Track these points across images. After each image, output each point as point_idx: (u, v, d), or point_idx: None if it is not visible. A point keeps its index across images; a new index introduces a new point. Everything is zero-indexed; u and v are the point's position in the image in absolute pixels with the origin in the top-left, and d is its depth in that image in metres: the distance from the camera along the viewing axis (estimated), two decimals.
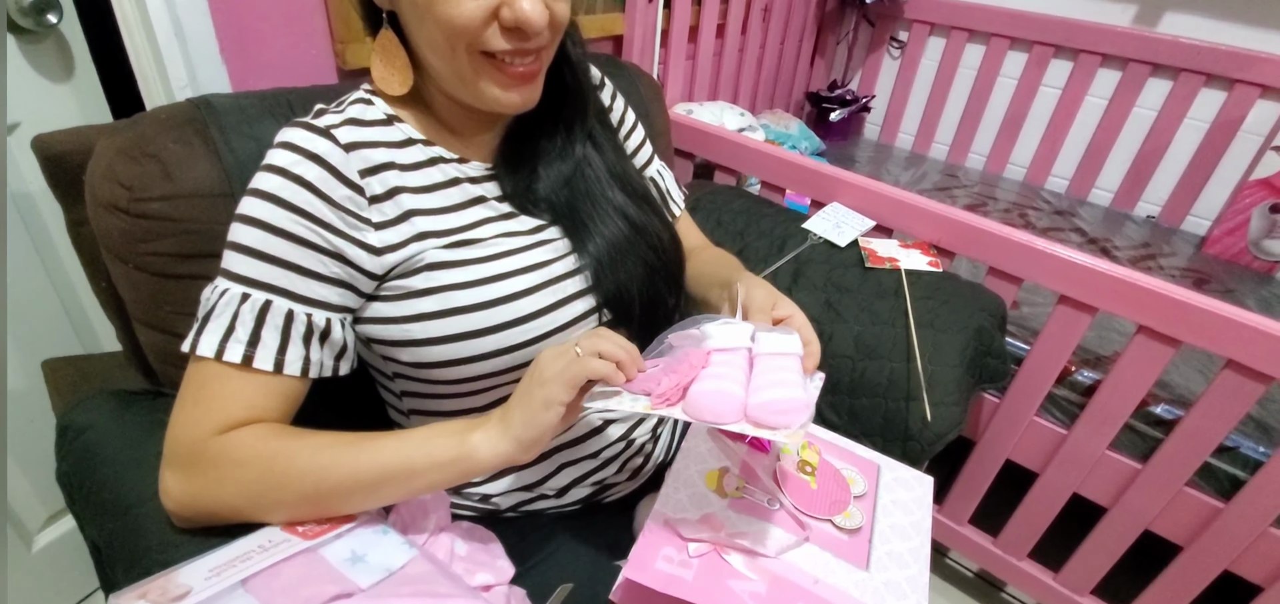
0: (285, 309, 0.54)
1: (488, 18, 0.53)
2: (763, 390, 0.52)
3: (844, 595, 0.55)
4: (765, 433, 0.50)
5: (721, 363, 0.55)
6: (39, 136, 0.68)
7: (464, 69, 0.56)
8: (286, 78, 0.93)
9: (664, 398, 0.52)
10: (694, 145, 1.39)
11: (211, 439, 0.52)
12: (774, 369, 0.55)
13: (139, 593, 0.43)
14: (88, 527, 0.61)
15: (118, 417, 0.67)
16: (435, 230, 0.60)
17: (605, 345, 0.53)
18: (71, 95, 0.91)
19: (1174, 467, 1.01)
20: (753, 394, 0.52)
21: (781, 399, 0.51)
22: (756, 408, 0.51)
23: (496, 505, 0.69)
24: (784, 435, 0.50)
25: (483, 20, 0.53)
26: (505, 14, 0.53)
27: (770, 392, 0.52)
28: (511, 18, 0.53)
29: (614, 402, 0.53)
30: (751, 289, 0.65)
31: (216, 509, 0.53)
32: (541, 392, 0.51)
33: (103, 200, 0.64)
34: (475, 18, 0.53)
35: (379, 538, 0.53)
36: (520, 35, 0.54)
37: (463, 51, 0.55)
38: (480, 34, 0.54)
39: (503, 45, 0.55)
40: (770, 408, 0.50)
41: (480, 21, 0.53)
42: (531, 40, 0.55)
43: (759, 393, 0.52)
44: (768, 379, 0.53)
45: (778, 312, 0.63)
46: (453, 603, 0.47)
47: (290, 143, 0.55)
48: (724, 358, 0.55)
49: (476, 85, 0.57)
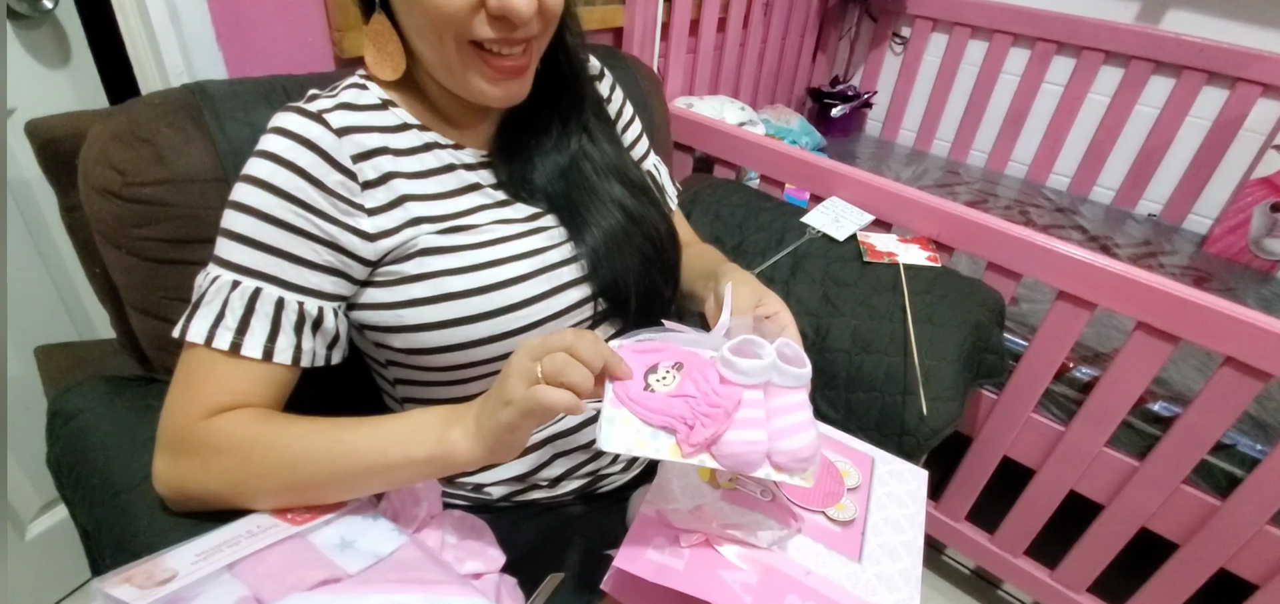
0: (276, 297, 0.54)
1: (475, 6, 0.53)
2: (785, 436, 0.51)
3: (836, 587, 0.55)
4: (786, 478, 0.50)
5: (751, 404, 0.51)
6: (32, 121, 0.67)
7: (451, 58, 0.56)
8: (283, 65, 0.93)
9: (697, 447, 0.49)
10: (694, 139, 1.38)
11: (196, 424, 0.52)
12: (791, 407, 0.52)
13: (124, 577, 0.42)
14: (78, 511, 0.61)
15: (109, 402, 0.67)
16: (429, 216, 0.59)
17: (583, 349, 0.47)
18: (67, 81, 0.91)
19: (1171, 464, 1.00)
20: (775, 439, 0.51)
21: (803, 447, 0.50)
22: (781, 455, 0.50)
23: (489, 495, 0.69)
24: (800, 479, 0.51)
25: (469, 8, 0.52)
26: (492, 2, 0.52)
27: (792, 439, 0.50)
28: (498, 5, 0.52)
29: (630, 438, 0.48)
30: (737, 286, 0.64)
31: (202, 494, 0.53)
32: (505, 413, 0.48)
33: (96, 185, 0.63)
34: (462, 5, 0.52)
35: (369, 524, 0.53)
36: (507, 24, 0.54)
37: (450, 40, 0.54)
38: (467, 22, 0.53)
39: (490, 34, 0.54)
40: (793, 456, 0.50)
41: (467, 9, 0.52)
42: (519, 30, 0.54)
43: (782, 438, 0.50)
44: (787, 422, 0.51)
45: (762, 308, 0.62)
46: (442, 590, 0.47)
47: (282, 127, 0.54)
48: (753, 397, 0.52)
49: (464, 76, 0.57)
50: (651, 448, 0.48)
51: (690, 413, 0.49)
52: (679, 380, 0.51)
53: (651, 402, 0.49)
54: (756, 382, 0.52)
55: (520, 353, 0.49)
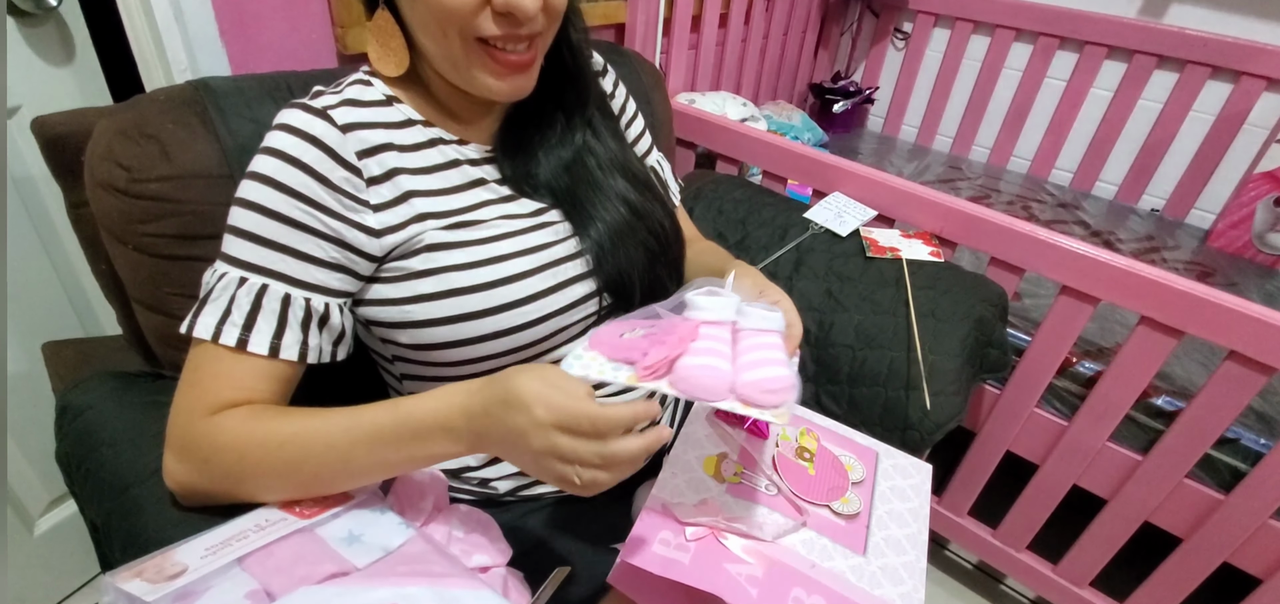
0: (282, 293, 0.54)
1: (480, 2, 0.53)
2: (750, 369, 0.50)
3: (841, 580, 0.55)
4: (753, 411, 0.49)
5: (709, 336, 0.52)
6: (38, 118, 0.68)
7: (456, 54, 0.56)
8: (287, 62, 0.93)
9: (651, 371, 0.50)
10: (696, 134, 1.38)
11: (201, 421, 0.53)
12: (759, 346, 0.53)
13: (135, 571, 0.43)
14: (87, 506, 0.62)
15: (117, 397, 0.67)
16: (435, 211, 0.59)
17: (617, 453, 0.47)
18: (72, 78, 0.91)
19: (1175, 458, 1.00)
20: (740, 371, 0.50)
21: (769, 377, 0.49)
22: (745, 386, 0.49)
23: (495, 490, 0.69)
24: (771, 414, 0.49)
25: (475, 5, 0.53)
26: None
27: (758, 371, 0.50)
28: (504, 3, 0.52)
29: (593, 369, 0.50)
30: (740, 277, 0.65)
31: (209, 491, 0.53)
32: (527, 468, 0.49)
33: (102, 181, 0.63)
34: (468, 2, 0.52)
35: (377, 517, 0.53)
36: (512, 21, 0.54)
37: (455, 36, 0.54)
38: (473, 18, 0.53)
39: (495, 30, 0.54)
40: (759, 387, 0.49)
41: (473, 6, 0.52)
42: (524, 26, 0.55)
43: (747, 371, 0.50)
44: (754, 357, 0.52)
45: (763, 299, 0.63)
46: (449, 582, 0.47)
47: (287, 124, 0.54)
48: (712, 330, 0.53)
49: (469, 71, 0.57)
50: (611, 376, 0.50)
51: (648, 345, 0.51)
52: (650, 330, 0.53)
53: (619, 343, 0.52)
54: (716, 318, 0.54)
55: (551, 458, 0.47)
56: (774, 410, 0.49)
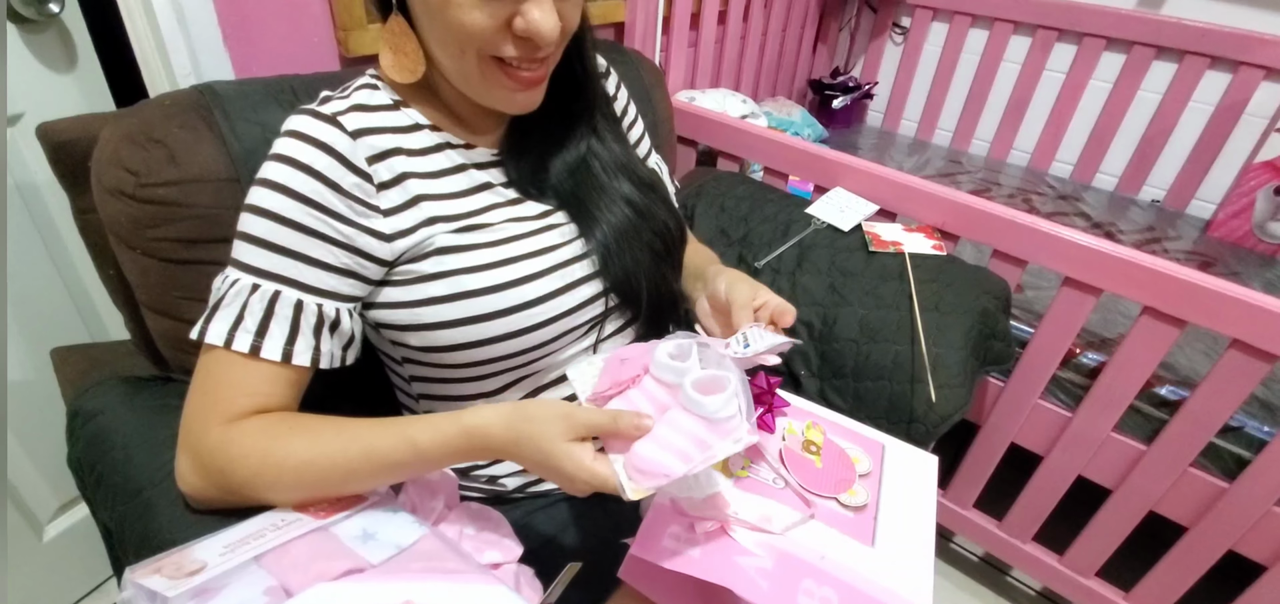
0: (295, 300, 0.54)
1: (500, 27, 0.53)
2: (648, 441, 0.50)
3: (850, 570, 0.55)
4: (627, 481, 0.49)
5: (649, 391, 0.55)
6: (44, 125, 0.68)
7: (471, 71, 0.56)
8: (289, 65, 0.93)
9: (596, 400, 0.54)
10: (697, 132, 1.39)
11: (217, 428, 0.53)
12: (678, 426, 0.51)
13: (154, 567, 0.43)
14: (99, 510, 0.62)
15: (128, 401, 0.67)
16: (444, 215, 0.60)
17: None
18: (74, 85, 0.91)
19: (1179, 447, 1.01)
20: (648, 434, 0.50)
21: (641, 457, 0.49)
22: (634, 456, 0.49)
23: (503, 487, 0.69)
24: (631, 492, 0.48)
25: (495, 28, 0.53)
26: (518, 23, 0.53)
27: (644, 445, 0.49)
28: (524, 28, 0.53)
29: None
30: (732, 286, 0.66)
31: (222, 499, 0.54)
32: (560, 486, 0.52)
33: (109, 186, 0.64)
34: (488, 26, 0.53)
35: (390, 517, 0.53)
36: (531, 45, 0.55)
37: (472, 55, 0.55)
38: (491, 41, 0.54)
39: (513, 52, 0.55)
40: (634, 462, 0.49)
41: (493, 29, 0.53)
42: (541, 49, 0.55)
43: (644, 440, 0.50)
44: (664, 432, 0.50)
45: (757, 300, 0.64)
46: (463, 579, 0.48)
47: (297, 131, 0.55)
48: (653, 389, 0.54)
49: (482, 86, 0.57)
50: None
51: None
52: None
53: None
54: (664, 378, 0.54)
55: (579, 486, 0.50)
56: (634, 488, 0.48)
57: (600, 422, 0.50)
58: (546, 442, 0.49)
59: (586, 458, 0.49)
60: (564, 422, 0.49)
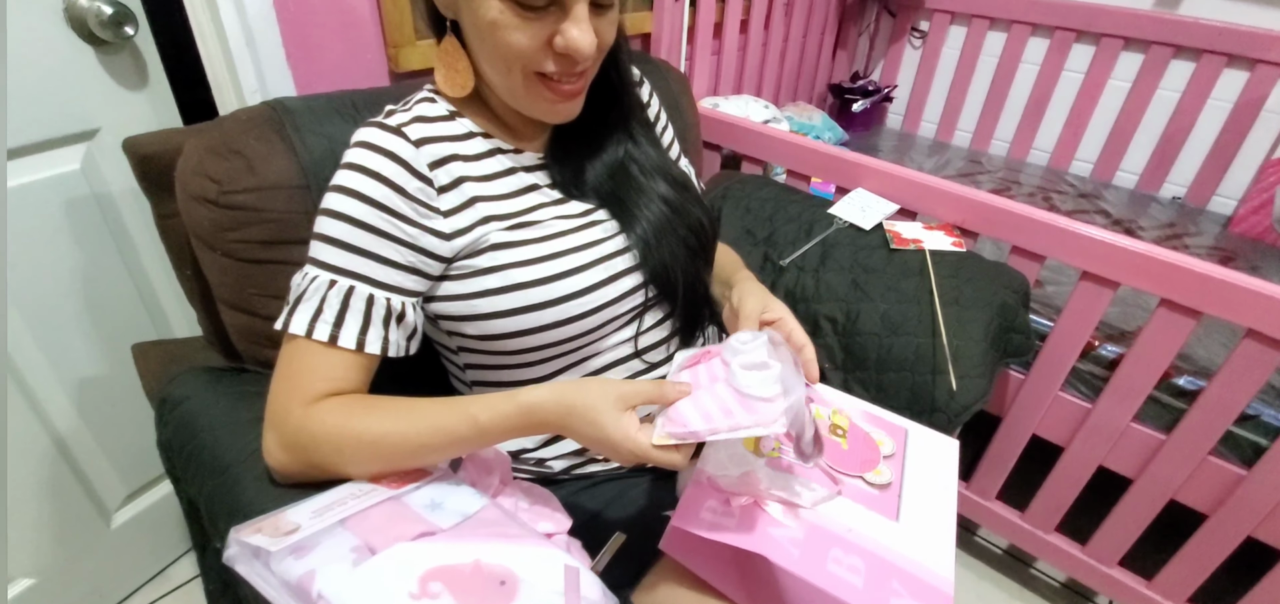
0: (367, 294, 0.60)
1: (542, 45, 0.59)
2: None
3: (876, 542, 0.60)
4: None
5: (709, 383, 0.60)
6: (130, 139, 0.74)
7: (517, 86, 0.62)
8: (345, 81, 1.00)
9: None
10: (722, 137, 1.44)
11: (300, 409, 0.59)
12: (714, 390, 0.57)
13: (256, 527, 0.49)
14: (188, 486, 0.68)
15: (211, 389, 0.74)
16: (497, 214, 0.66)
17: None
18: (145, 102, 0.98)
19: (1197, 436, 1.03)
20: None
21: (681, 413, 0.56)
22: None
23: (551, 469, 0.75)
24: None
25: (538, 47, 0.59)
26: (558, 42, 0.58)
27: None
28: (564, 46, 0.58)
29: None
30: (744, 297, 0.72)
31: (307, 470, 0.60)
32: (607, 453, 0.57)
33: (194, 193, 0.70)
34: (532, 46, 0.58)
35: (454, 488, 0.59)
36: (570, 61, 0.60)
37: (517, 71, 0.61)
38: (535, 58, 0.59)
39: (553, 68, 0.60)
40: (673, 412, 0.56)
41: (535, 47, 0.59)
42: (579, 64, 0.61)
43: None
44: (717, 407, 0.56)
45: (767, 313, 0.70)
46: (524, 542, 0.53)
47: (367, 141, 0.61)
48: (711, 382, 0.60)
49: (527, 99, 0.63)
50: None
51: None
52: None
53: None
54: (726, 356, 0.59)
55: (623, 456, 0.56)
56: (660, 434, 0.55)
57: (647, 392, 0.56)
58: (595, 412, 0.54)
59: (632, 428, 0.54)
60: (613, 394, 0.55)
